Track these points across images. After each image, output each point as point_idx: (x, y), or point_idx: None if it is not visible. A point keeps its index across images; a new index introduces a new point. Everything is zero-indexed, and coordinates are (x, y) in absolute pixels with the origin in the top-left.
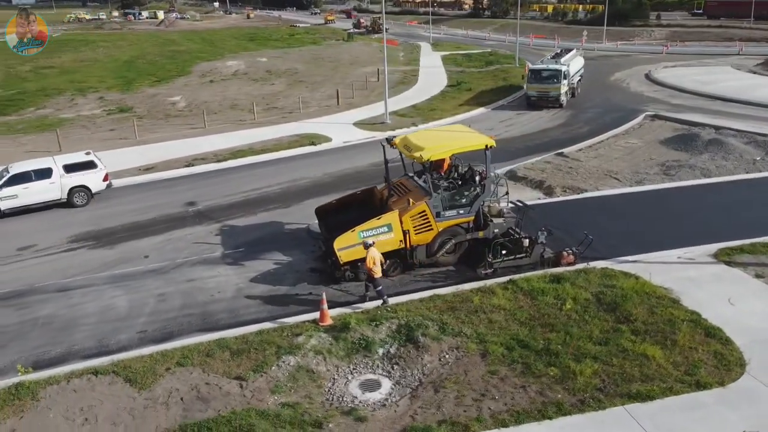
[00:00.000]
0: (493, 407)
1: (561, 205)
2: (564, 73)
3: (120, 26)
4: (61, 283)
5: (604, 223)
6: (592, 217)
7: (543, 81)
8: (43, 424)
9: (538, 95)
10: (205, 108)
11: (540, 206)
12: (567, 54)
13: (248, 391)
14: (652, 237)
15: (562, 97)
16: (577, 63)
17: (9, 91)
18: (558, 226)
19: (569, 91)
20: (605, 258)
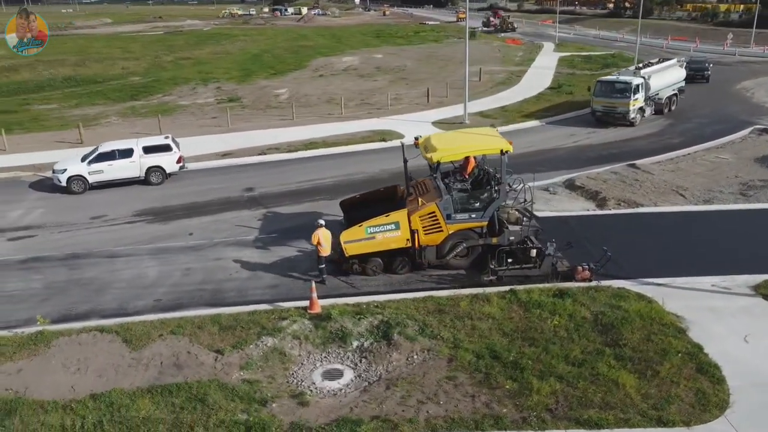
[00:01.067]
0: (432, 411)
1: (605, 219)
2: (636, 87)
3: (264, 21)
4: (112, 250)
5: (643, 241)
6: (632, 233)
7: (610, 94)
8: (45, 367)
9: (604, 110)
10: (305, 101)
11: (581, 218)
12: (658, 64)
13: (220, 364)
14: (692, 260)
15: (631, 114)
16: (669, 76)
17: (147, 79)
18: (591, 240)
19: (649, 107)
20: (629, 278)
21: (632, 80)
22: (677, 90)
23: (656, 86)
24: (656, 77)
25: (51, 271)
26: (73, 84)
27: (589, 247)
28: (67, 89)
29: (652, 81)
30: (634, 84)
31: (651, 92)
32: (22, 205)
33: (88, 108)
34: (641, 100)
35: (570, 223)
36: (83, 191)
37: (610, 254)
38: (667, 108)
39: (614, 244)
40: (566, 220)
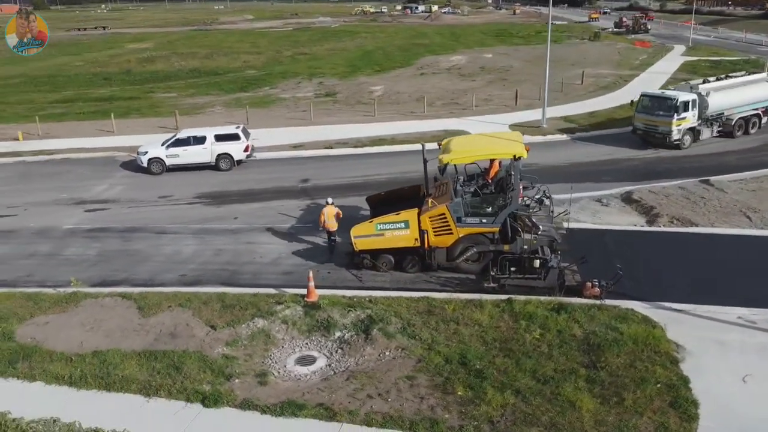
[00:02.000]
0: (376, 407)
1: (649, 236)
2: (683, 104)
3: (391, 19)
4: (164, 227)
5: (679, 262)
6: (671, 253)
7: (653, 111)
8: (65, 323)
9: (645, 129)
10: (395, 98)
11: (623, 233)
12: (735, 79)
13: (209, 338)
14: (728, 289)
15: (675, 134)
16: (745, 93)
17: (261, 72)
18: (623, 257)
19: (708, 128)
20: (644, 299)
21: (678, 96)
22: (757, 110)
23: (721, 104)
24: (721, 94)
25: (107, 241)
26: (196, 75)
27: (616, 263)
28: (190, 80)
29: (712, 98)
30: (679, 100)
31: (712, 111)
32: (107, 181)
33: (201, 98)
34: (691, 119)
35: (606, 237)
36: (161, 172)
37: (622, 272)
38: (742, 131)
39: (645, 263)
40: (603, 233)
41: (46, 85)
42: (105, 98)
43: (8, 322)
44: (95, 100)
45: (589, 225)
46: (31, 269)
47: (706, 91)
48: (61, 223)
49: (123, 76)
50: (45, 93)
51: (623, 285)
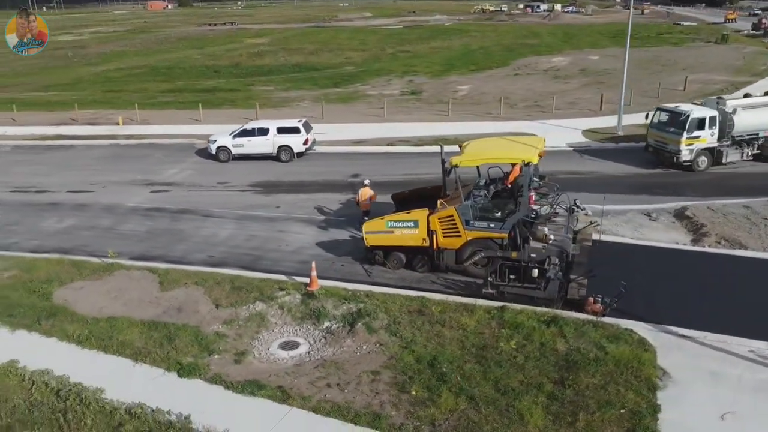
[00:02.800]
0: (330, 396)
1: (687, 256)
2: (697, 121)
3: (507, 18)
4: (212, 211)
5: (709, 286)
6: (704, 276)
7: (664, 127)
8: (95, 290)
9: (656, 146)
10: (478, 99)
11: (659, 250)
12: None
13: (210, 316)
14: (754, 319)
15: (684, 154)
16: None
17: (358, 69)
18: (646, 275)
19: (736, 151)
20: (650, 321)
21: (691, 111)
22: None
23: (752, 124)
24: (751, 113)
25: (159, 220)
26: (297, 70)
27: (637, 281)
28: (291, 74)
29: (740, 116)
30: (692, 117)
31: (740, 131)
32: (179, 165)
33: (294, 92)
34: (708, 138)
35: (637, 253)
36: (227, 160)
37: (624, 290)
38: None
39: (669, 283)
40: (636, 249)
41: (163, 76)
42: (209, 89)
43: (50, 285)
44: (200, 91)
45: (626, 239)
46: (88, 240)
47: (732, 108)
48: (127, 201)
49: (231, 69)
50: (160, 83)
51: (635, 304)
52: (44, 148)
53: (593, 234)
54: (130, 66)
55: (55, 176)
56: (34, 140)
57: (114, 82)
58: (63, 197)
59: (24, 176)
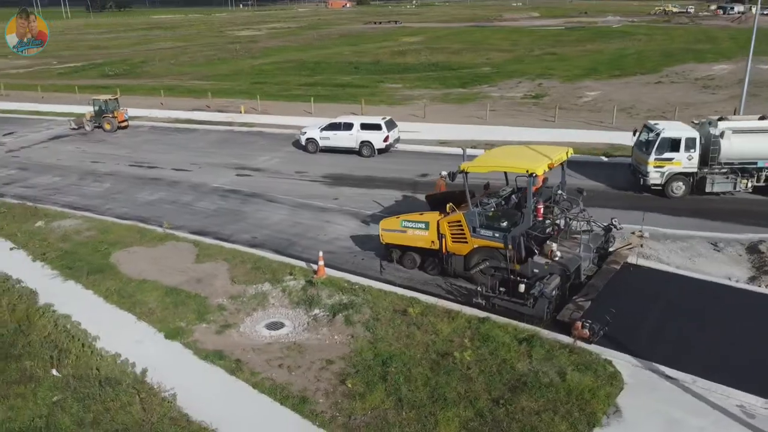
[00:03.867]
0: (276, 375)
1: (733, 293)
2: (673, 143)
3: (688, 20)
4: (276, 197)
5: (739, 330)
6: (736, 320)
7: (642, 146)
8: (144, 255)
9: (634, 165)
10: (600, 106)
11: (703, 284)
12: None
13: (221, 290)
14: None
15: (652, 177)
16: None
17: (493, 70)
18: (669, 310)
19: (727, 180)
20: (637, 356)
21: (662, 130)
22: None
23: (747, 151)
24: (746, 138)
25: (230, 200)
26: (432, 69)
27: (654, 313)
28: (425, 73)
29: (730, 141)
30: (663, 136)
31: (731, 157)
32: (273, 153)
33: (419, 90)
34: (684, 162)
35: (673, 283)
36: (315, 152)
37: (610, 320)
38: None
39: (691, 321)
40: (673, 279)
41: (308, 70)
42: (341, 85)
43: (114, 246)
44: (332, 86)
45: (670, 268)
46: (164, 212)
47: (721, 130)
48: (213, 182)
49: (371, 66)
50: (301, 77)
51: (637, 336)
52: (173, 130)
53: (629, 257)
54: (284, 60)
55: (169, 155)
56: (168, 122)
57: (263, 75)
58: (165, 173)
59: (145, 153)
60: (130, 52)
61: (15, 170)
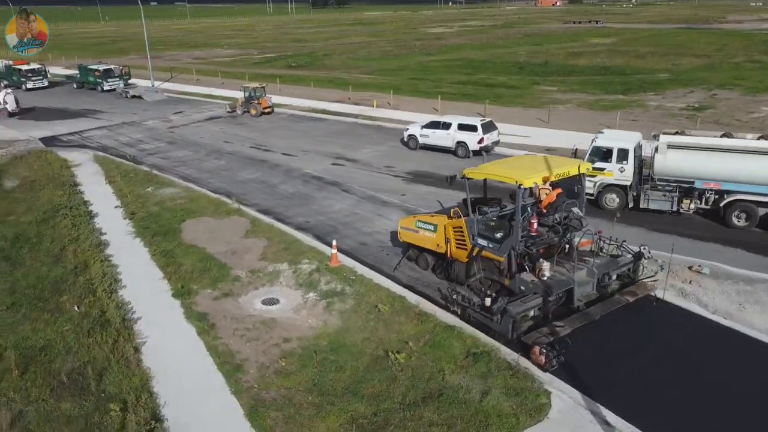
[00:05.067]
0: (232, 342)
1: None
2: (604, 152)
3: None
4: (351, 187)
5: (729, 396)
6: (735, 383)
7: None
8: (208, 225)
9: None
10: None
11: (726, 333)
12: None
13: (247, 263)
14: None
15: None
16: (743, 165)
17: (672, 77)
18: (671, 357)
19: (656, 195)
20: (597, 398)
21: (597, 138)
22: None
23: (681, 168)
24: (685, 155)
25: (309, 186)
26: (600, 73)
27: (643, 357)
28: (590, 77)
29: (665, 156)
30: (594, 145)
31: (664, 174)
32: (377, 147)
33: (572, 94)
34: (616, 174)
35: (692, 326)
36: (414, 149)
37: (563, 350)
38: (749, 221)
39: (677, 376)
40: (698, 324)
41: (470, 69)
42: (493, 84)
43: (190, 214)
44: (484, 85)
45: (704, 311)
46: (251, 190)
47: (656, 145)
48: (307, 168)
49: (537, 68)
50: (460, 75)
51: (602, 375)
52: (307, 118)
53: (654, 290)
54: (454, 58)
55: (288, 140)
56: (305, 111)
57: (426, 71)
58: (273, 157)
59: (269, 137)
60: (321, 46)
61: (164, 143)
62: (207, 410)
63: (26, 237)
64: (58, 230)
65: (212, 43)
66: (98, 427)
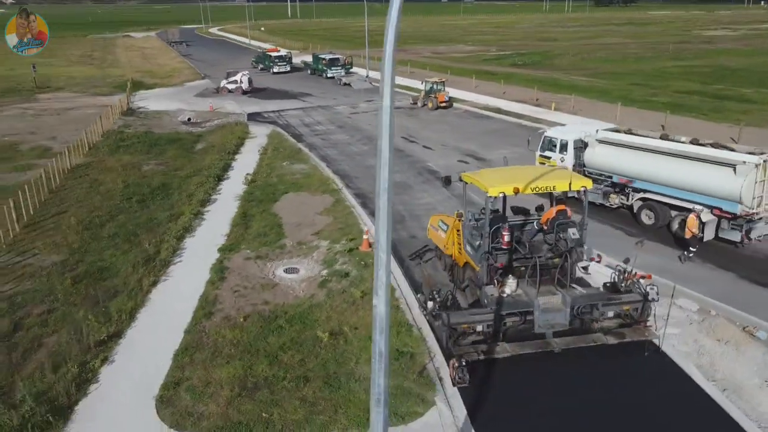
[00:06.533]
0: (223, 294)
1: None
2: (550, 142)
3: None
4: (455, 186)
5: None
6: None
7: None
8: (303, 199)
9: None
10: None
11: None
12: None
13: (300, 236)
14: None
15: None
16: (668, 168)
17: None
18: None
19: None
20: (465, 418)
21: (549, 129)
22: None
23: (603, 163)
24: (607, 150)
25: (419, 178)
26: None
27: (565, 402)
28: None
29: (593, 150)
30: (545, 135)
31: (590, 168)
32: (513, 149)
33: None
34: (558, 164)
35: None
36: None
37: (461, 368)
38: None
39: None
40: (674, 378)
41: (714, 78)
42: (725, 97)
43: (297, 188)
44: (715, 97)
45: (699, 377)
46: (366, 175)
47: (590, 139)
48: (431, 162)
49: None
50: (694, 83)
51: (496, 405)
52: (477, 115)
53: (650, 336)
54: (704, 65)
55: (439, 134)
56: (480, 109)
57: (656, 78)
58: (412, 148)
59: (426, 130)
60: (567, 45)
61: (334, 126)
62: (157, 340)
63: (168, 187)
64: (188, 186)
65: (459, 39)
66: (82, 328)
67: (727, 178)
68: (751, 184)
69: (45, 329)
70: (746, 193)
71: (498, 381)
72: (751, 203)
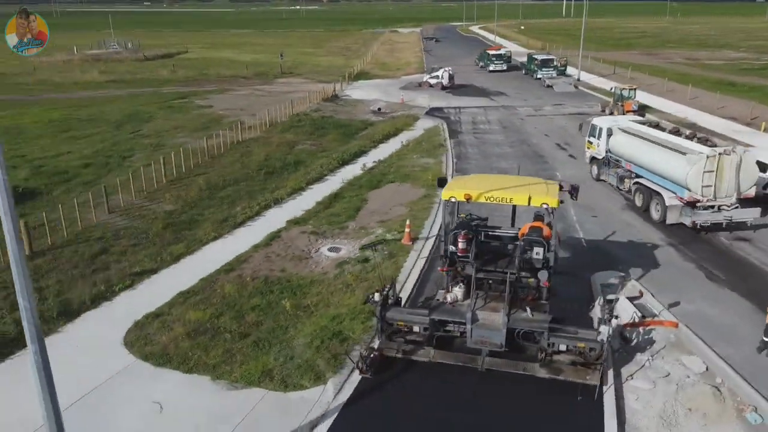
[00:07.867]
0: (256, 258)
1: None
2: (595, 129)
3: None
4: None
5: None
6: None
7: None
8: (396, 188)
9: None
10: None
11: None
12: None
13: (365, 221)
14: None
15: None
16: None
17: None
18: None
19: (606, 170)
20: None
21: (594, 118)
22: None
23: (619, 150)
24: (625, 138)
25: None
26: None
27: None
28: None
29: (615, 137)
30: (591, 122)
31: (612, 153)
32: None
33: None
34: (597, 148)
35: None
36: None
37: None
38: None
39: None
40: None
41: None
42: None
43: (402, 179)
44: None
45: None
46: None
47: (614, 128)
48: (559, 172)
49: None
50: None
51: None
52: None
53: (596, 384)
54: None
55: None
56: (669, 122)
57: None
58: (556, 154)
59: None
60: None
61: (498, 126)
62: (177, 281)
63: (299, 164)
64: (308, 164)
65: (733, 44)
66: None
67: (679, 164)
68: (698, 172)
69: (118, 257)
70: (693, 180)
71: (407, 382)
72: (700, 191)
